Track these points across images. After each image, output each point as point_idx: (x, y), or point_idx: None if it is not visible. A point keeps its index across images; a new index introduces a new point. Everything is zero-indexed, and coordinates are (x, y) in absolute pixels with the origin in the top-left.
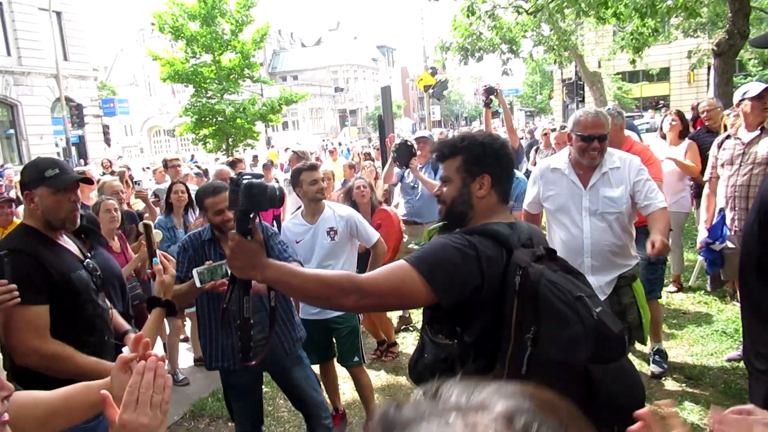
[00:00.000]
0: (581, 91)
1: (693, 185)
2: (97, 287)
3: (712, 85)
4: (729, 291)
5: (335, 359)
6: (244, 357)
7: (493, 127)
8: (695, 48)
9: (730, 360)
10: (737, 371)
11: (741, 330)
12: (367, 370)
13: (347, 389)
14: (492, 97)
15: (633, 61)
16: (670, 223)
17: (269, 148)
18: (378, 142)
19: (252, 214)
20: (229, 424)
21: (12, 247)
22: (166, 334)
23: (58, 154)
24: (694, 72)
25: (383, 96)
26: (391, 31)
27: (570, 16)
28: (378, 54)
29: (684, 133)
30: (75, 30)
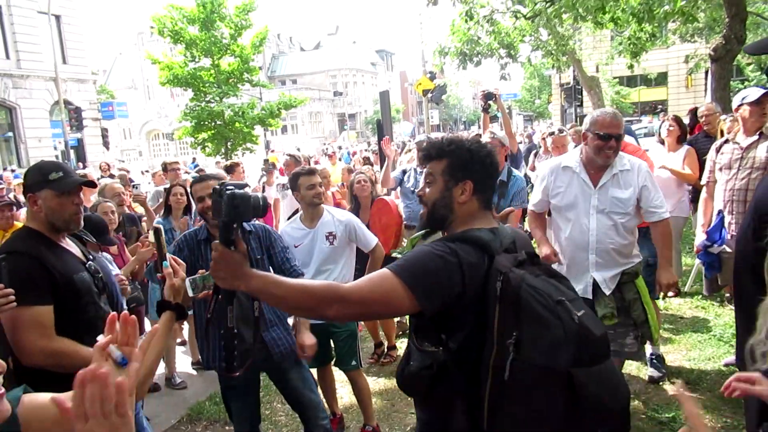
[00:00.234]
0: (579, 96)
1: (691, 190)
2: (99, 289)
3: (709, 90)
4: (727, 296)
5: (333, 363)
6: (228, 367)
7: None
8: (693, 53)
9: (727, 365)
10: None
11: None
12: (364, 374)
13: (345, 393)
14: (490, 102)
15: (631, 66)
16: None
17: (268, 152)
18: (377, 147)
19: (235, 225)
20: (227, 427)
21: (14, 250)
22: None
23: (57, 157)
24: (691, 77)
25: (382, 100)
26: (390, 36)
27: (568, 20)
28: (377, 58)
29: (682, 138)
30: (74, 33)
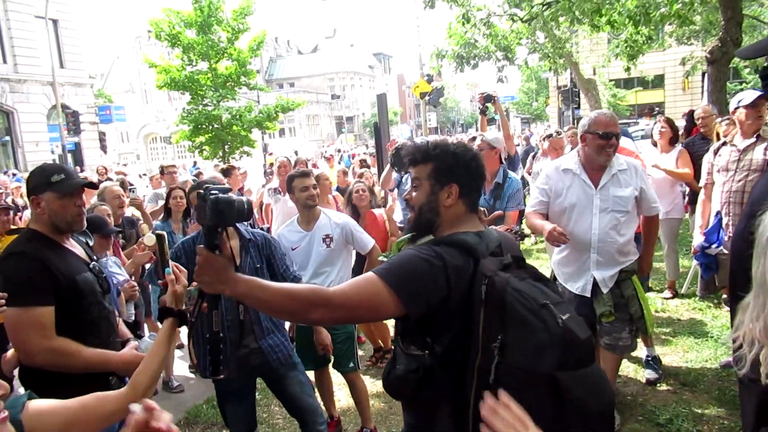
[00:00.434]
0: (576, 98)
1: (688, 192)
2: (103, 290)
3: (706, 93)
4: (723, 297)
5: (330, 365)
6: (213, 371)
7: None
8: (689, 55)
9: (723, 366)
10: (731, 378)
11: None
12: (362, 376)
13: (342, 396)
14: (488, 104)
15: (627, 69)
16: (659, 230)
17: (266, 155)
18: (374, 149)
19: (219, 229)
20: (224, 431)
21: (17, 251)
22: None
23: (54, 161)
24: (688, 79)
25: (379, 103)
26: (388, 39)
27: (564, 23)
28: (374, 61)
29: (674, 140)
30: (71, 37)
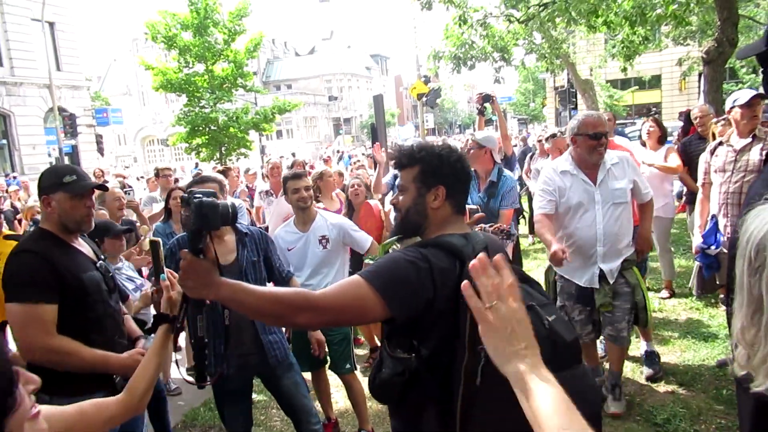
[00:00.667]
0: (574, 99)
1: (686, 192)
2: (109, 288)
3: (702, 93)
4: (721, 297)
5: (327, 367)
6: (198, 377)
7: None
8: (685, 56)
9: (720, 365)
10: (729, 377)
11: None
12: (359, 377)
13: (340, 398)
14: (486, 104)
15: (624, 69)
16: (652, 224)
17: (264, 156)
18: (371, 151)
19: (204, 233)
20: None
21: (24, 249)
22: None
23: (51, 164)
24: (685, 80)
25: (376, 104)
26: (385, 40)
27: (561, 24)
28: (372, 63)
29: (662, 139)
30: (68, 40)
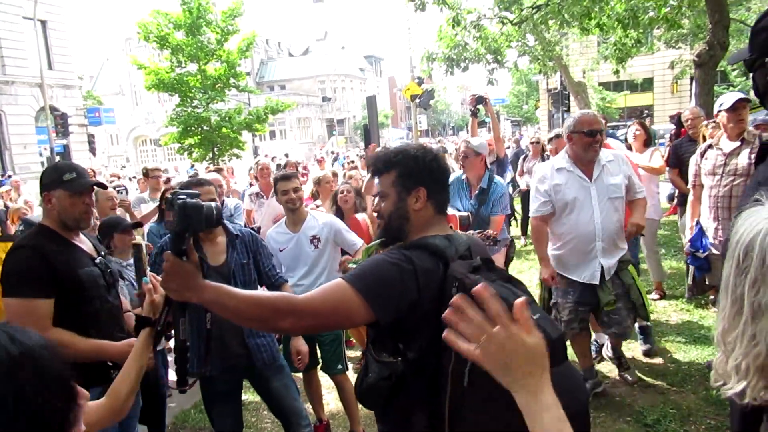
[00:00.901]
0: (566, 101)
1: (678, 194)
2: (107, 284)
3: (694, 96)
4: (711, 299)
5: (319, 368)
6: (180, 381)
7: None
8: (677, 59)
9: (709, 366)
10: None
11: None
12: (351, 378)
13: (331, 399)
14: (480, 106)
15: (617, 72)
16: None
17: (257, 157)
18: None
19: (187, 234)
20: None
21: (21, 245)
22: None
23: (42, 163)
24: (677, 83)
25: (369, 105)
26: (379, 42)
27: (554, 27)
28: (365, 64)
29: (648, 142)
30: (60, 39)
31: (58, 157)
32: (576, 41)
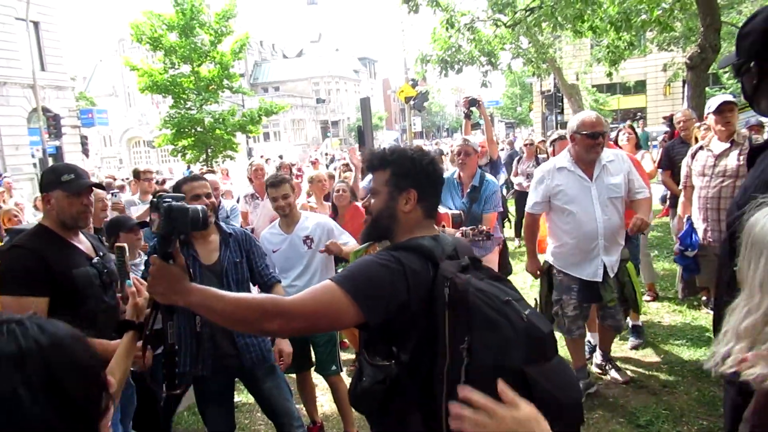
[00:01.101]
0: (560, 103)
1: (670, 196)
2: (104, 284)
3: (686, 98)
4: (703, 299)
5: (313, 369)
6: (169, 385)
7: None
8: (670, 61)
9: (702, 368)
10: (711, 379)
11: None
12: (345, 380)
13: (325, 401)
14: (473, 108)
15: (609, 74)
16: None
17: (250, 158)
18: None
19: (173, 237)
20: None
21: (18, 244)
22: None
23: (35, 165)
24: (669, 85)
25: (363, 107)
26: (373, 43)
27: (547, 29)
28: (359, 66)
29: (638, 145)
30: (53, 40)
31: (50, 159)
32: (569, 44)
